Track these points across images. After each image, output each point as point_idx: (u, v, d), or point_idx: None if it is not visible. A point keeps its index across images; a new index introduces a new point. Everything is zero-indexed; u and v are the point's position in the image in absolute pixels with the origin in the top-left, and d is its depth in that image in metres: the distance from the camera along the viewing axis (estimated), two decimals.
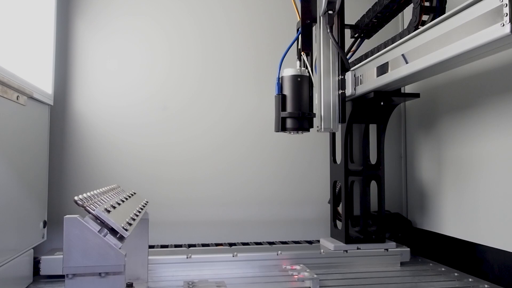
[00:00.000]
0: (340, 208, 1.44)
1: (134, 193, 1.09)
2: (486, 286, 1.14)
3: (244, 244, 1.50)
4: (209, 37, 1.61)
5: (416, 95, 1.37)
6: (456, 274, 1.26)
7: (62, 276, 0.67)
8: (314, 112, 1.30)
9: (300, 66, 1.32)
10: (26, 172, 1.18)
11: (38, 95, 1.24)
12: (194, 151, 1.56)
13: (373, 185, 1.42)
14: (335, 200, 1.46)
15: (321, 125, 1.28)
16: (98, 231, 0.67)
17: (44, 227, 1.31)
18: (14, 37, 1.16)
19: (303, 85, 1.27)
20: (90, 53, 1.52)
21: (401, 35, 1.19)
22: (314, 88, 1.31)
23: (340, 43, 1.33)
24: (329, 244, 1.37)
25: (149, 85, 1.55)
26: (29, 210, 1.21)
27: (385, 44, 1.25)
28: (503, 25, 0.80)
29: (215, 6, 1.63)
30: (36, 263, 1.20)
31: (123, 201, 0.91)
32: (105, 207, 0.74)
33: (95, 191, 0.82)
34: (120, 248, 0.68)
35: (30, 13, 1.27)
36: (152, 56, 1.56)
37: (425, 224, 1.54)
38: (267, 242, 1.53)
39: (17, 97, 1.08)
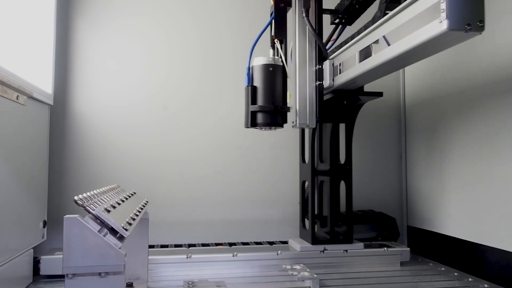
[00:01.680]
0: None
1: (134, 193, 1.09)
2: (486, 286, 1.14)
3: (244, 244, 1.50)
4: (209, 37, 1.61)
5: (379, 94, 1.33)
6: (456, 273, 1.26)
7: (62, 276, 0.67)
8: (288, 106, 1.20)
9: (274, 55, 1.21)
10: (26, 172, 1.18)
11: (38, 94, 1.24)
12: (194, 151, 1.56)
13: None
14: (304, 200, 1.42)
15: (296, 120, 1.20)
16: (98, 231, 0.67)
17: (44, 227, 1.31)
18: (14, 37, 1.16)
19: (276, 75, 1.16)
20: (90, 53, 1.52)
21: (366, 27, 1.11)
22: (288, 79, 1.20)
23: (318, 29, 1.24)
24: (296, 245, 1.35)
25: (149, 85, 1.55)
26: (29, 209, 1.21)
27: (366, 27, 1.13)
28: (441, 21, 0.77)
29: (215, 6, 1.63)
30: (36, 263, 1.20)
31: (123, 201, 0.91)
32: (105, 207, 0.74)
33: (95, 191, 0.82)
34: (120, 248, 0.68)
35: (30, 13, 1.27)
36: (152, 56, 1.56)
37: (425, 223, 1.54)
38: (267, 242, 1.54)
39: (17, 96, 1.08)
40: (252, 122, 1.16)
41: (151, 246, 1.28)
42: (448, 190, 1.40)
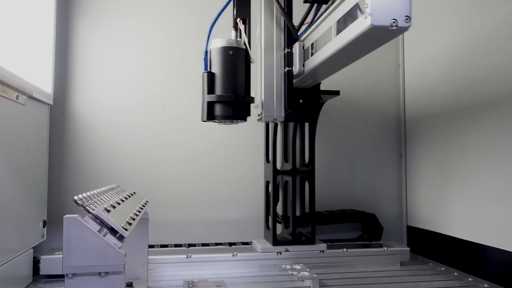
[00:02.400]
0: (278, 209, 1.40)
1: (134, 193, 1.09)
2: (486, 285, 1.14)
3: (244, 243, 1.50)
4: None
5: (336, 93, 1.28)
6: (456, 273, 1.26)
7: (62, 276, 0.67)
8: (252, 96, 1.07)
9: (236, 37, 1.08)
10: (25, 172, 1.18)
11: (38, 94, 1.24)
12: (194, 150, 1.56)
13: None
14: (267, 200, 1.40)
15: (262, 112, 1.07)
16: (98, 231, 0.67)
17: (43, 226, 1.31)
18: (14, 36, 1.16)
19: (237, 60, 1.02)
20: (90, 53, 1.52)
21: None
22: (252, 65, 1.07)
23: (287, 7, 1.10)
24: (258, 246, 1.32)
25: (149, 85, 1.55)
26: (29, 209, 1.21)
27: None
28: (365, 17, 0.74)
29: (215, 6, 1.62)
30: (36, 262, 1.20)
31: (122, 200, 0.91)
32: (105, 206, 0.74)
33: (94, 191, 0.82)
34: (120, 248, 0.68)
35: (30, 13, 1.27)
36: (152, 56, 1.56)
37: (425, 223, 1.54)
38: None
39: (17, 96, 1.08)
40: (209, 114, 1.02)
41: (151, 246, 1.28)
42: (448, 190, 1.41)
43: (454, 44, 1.38)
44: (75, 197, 0.70)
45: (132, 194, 1.05)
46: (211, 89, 1.01)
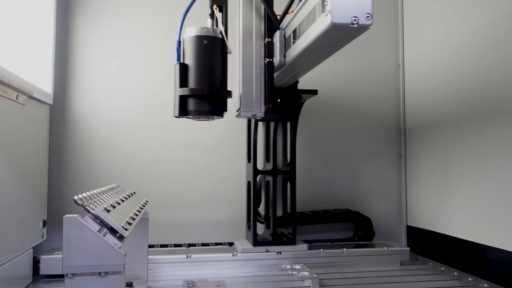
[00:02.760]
0: (260, 209, 1.40)
1: (134, 193, 1.09)
2: (485, 285, 1.14)
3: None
4: None
5: (314, 92, 1.25)
6: (455, 273, 1.26)
7: (62, 276, 0.67)
8: (230, 90, 1.00)
9: (212, 26, 1.01)
10: (25, 172, 1.18)
11: (38, 94, 1.24)
12: (194, 150, 1.56)
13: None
14: (249, 200, 1.38)
15: (240, 108, 1.01)
16: (98, 231, 0.67)
17: (43, 226, 1.31)
18: (14, 36, 1.16)
19: (212, 50, 0.94)
20: (90, 53, 1.52)
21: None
22: (230, 56, 1.01)
23: None
24: (238, 247, 1.31)
25: (149, 85, 1.55)
26: (29, 209, 1.21)
27: None
28: (326, 15, 0.73)
29: None
30: (36, 262, 1.20)
31: (122, 200, 0.91)
32: (105, 206, 0.74)
33: (94, 191, 0.82)
34: (119, 248, 0.68)
35: (30, 13, 1.27)
36: (152, 56, 1.56)
37: (425, 223, 1.54)
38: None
39: (17, 96, 1.08)
40: (182, 109, 0.95)
41: (150, 246, 1.28)
42: (448, 190, 1.40)
43: (455, 43, 1.38)
44: (75, 197, 0.70)
45: (132, 194, 1.05)
46: (183, 82, 0.94)
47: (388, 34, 1.71)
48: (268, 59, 1.00)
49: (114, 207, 0.79)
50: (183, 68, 0.94)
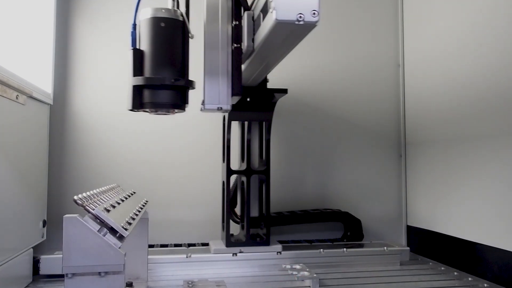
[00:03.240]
0: (237, 210, 1.40)
1: (134, 193, 1.09)
2: (486, 285, 1.14)
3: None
4: None
5: (284, 91, 1.24)
6: (456, 273, 1.26)
7: (62, 276, 0.67)
8: (191, 79, 0.90)
9: (173, 7, 0.91)
10: (25, 172, 1.18)
11: (38, 94, 1.24)
12: (194, 150, 1.56)
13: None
14: (224, 200, 1.35)
15: (203, 100, 0.90)
16: (98, 231, 0.67)
17: (43, 226, 1.31)
18: (14, 36, 1.16)
19: (171, 34, 0.85)
20: (90, 53, 1.52)
21: None
22: (192, 41, 0.91)
23: None
24: (212, 247, 1.30)
25: None
26: (29, 209, 1.20)
27: None
28: (272, 11, 0.70)
29: None
30: (36, 262, 1.20)
31: (122, 200, 0.91)
32: (105, 206, 0.74)
33: (94, 191, 0.82)
34: (119, 248, 0.68)
35: (30, 12, 1.27)
36: None
37: (425, 223, 1.54)
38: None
39: (17, 96, 1.08)
40: (136, 102, 0.85)
41: (150, 246, 1.28)
42: (448, 190, 1.40)
43: (455, 43, 1.38)
44: (75, 197, 0.70)
45: (132, 194, 1.05)
46: (138, 70, 0.84)
47: (388, 33, 1.71)
48: (235, 45, 0.88)
49: (114, 207, 0.79)
50: (138, 55, 0.84)
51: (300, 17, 0.70)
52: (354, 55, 1.68)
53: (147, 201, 1.09)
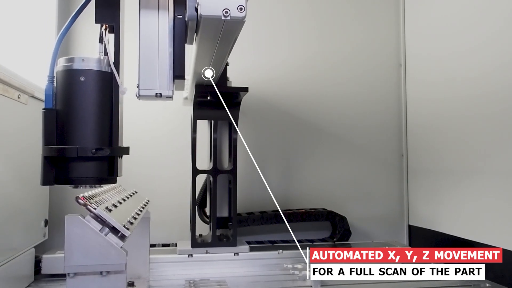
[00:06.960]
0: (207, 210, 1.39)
1: (135, 192, 1.10)
2: (488, 285, 1.14)
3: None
4: None
5: (245, 89, 1.22)
6: None
7: (64, 275, 0.67)
8: (124, 146, 0.77)
9: (100, 54, 0.77)
10: (27, 171, 1.18)
11: (40, 94, 1.24)
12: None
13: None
14: (193, 201, 1.33)
15: (138, 85, 0.73)
16: (99, 230, 0.68)
17: (45, 226, 1.31)
18: (16, 36, 1.16)
19: (94, 90, 0.69)
20: (91, 53, 1.51)
21: None
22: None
23: None
24: (177, 248, 1.29)
25: None
26: (30, 209, 1.21)
27: None
28: (197, 6, 0.69)
29: None
30: (37, 262, 1.20)
31: (124, 200, 0.91)
32: (106, 206, 0.75)
33: (96, 190, 0.82)
34: (121, 247, 0.68)
35: (32, 12, 1.27)
36: None
37: (426, 222, 1.54)
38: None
39: (19, 96, 1.08)
40: (47, 176, 0.68)
41: (152, 245, 1.27)
42: (449, 189, 1.40)
43: (456, 43, 1.38)
44: (77, 197, 0.70)
45: (133, 194, 1.06)
46: (50, 137, 0.68)
47: (390, 33, 1.71)
48: (178, 15, 0.76)
49: (115, 206, 0.79)
50: (50, 117, 0.67)
51: (226, 12, 0.67)
52: (355, 55, 1.67)
53: (148, 201, 1.09)
